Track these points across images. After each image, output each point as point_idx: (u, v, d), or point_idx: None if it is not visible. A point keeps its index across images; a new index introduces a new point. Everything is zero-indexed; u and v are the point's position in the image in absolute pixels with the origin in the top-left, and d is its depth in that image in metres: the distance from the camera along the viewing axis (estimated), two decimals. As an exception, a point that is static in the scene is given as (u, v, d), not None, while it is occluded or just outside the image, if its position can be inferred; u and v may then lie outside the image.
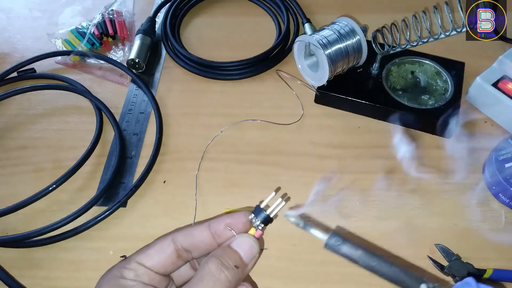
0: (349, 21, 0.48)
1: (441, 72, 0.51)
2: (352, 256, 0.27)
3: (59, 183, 0.44)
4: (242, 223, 0.30)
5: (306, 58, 0.51)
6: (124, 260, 0.29)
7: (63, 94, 0.54)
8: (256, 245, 0.29)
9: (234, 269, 0.28)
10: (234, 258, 0.28)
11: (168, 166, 0.47)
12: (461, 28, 0.41)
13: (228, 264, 0.28)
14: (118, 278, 0.28)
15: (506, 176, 0.41)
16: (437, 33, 0.43)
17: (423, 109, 0.48)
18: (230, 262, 0.28)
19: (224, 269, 0.27)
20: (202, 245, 0.30)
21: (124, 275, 0.28)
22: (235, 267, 0.28)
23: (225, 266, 0.28)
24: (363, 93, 0.49)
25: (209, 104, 0.52)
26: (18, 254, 0.42)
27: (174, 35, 0.58)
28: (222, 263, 0.28)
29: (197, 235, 0.30)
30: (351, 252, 0.27)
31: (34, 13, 0.65)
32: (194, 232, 0.30)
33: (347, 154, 0.47)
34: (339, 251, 0.27)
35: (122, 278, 0.28)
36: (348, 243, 0.27)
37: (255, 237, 0.30)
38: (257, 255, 0.29)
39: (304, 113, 0.51)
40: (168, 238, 0.30)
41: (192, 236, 0.30)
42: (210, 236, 0.30)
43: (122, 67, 0.55)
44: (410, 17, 0.46)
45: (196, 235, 0.30)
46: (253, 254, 0.29)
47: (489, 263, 0.39)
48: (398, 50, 0.47)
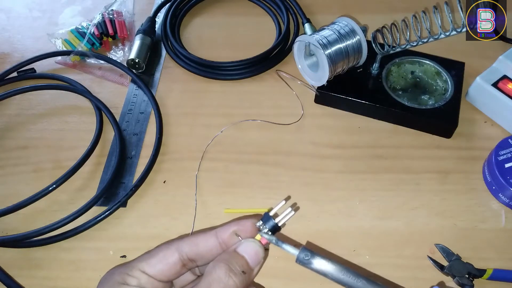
0: (349, 21, 0.48)
1: (441, 72, 0.51)
2: (321, 269, 0.28)
3: (59, 183, 0.44)
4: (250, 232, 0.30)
5: (306, 58, 0.51)
6: (126, 266, 0.29)
7: (63, 94, 0.54)
8: (261, 251, 0.29)
9: (242, 275, 0.27)
10: (241, 264, 0.28)
11: (168, 166, 0.47)
12: (461, 28, 0.41)
13: (236, 269, 0.27)
14: (120, 285, 0.28)
15: (506, 176, 0.42)
16: (437, 33, 0.43)
17: (423, 109, 0.48)
18: (238, 268, 0.28)
19: (232, 275, 0.27)
20: (208, 254, 0.30)
21: (127, 282, 0.28)
22: (243, 272, 0.28)
23: (233, 272, 0.27)
24: (363, 93, 0.49)
25: (209, 104, 0.52)
26: (18, 254, 0.42)
27: (174, 35, 0.58)
28: (230, 269, 0.27)
29: (202, 244, 0.30)
30: (320, 266, 0.28)
31: (34, 13, 0.65)
32: (200, 242, 0.30)
33: (347, 154, 0.47)
34: (309, 265, 0.28)
35: (124, 284, 0.28)
36: (318, 257, 0.28)
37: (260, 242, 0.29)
38: (262, 260, 0.29)
39: (304, 113, 0.51)
40: (172, 248, 0.29)
41: (198, 246, 0.30)
42: (217, 245, 0.30)
43: (122, 67, 0.55)
44: (410, 17, 0.46)
45: (202, 245, 0.30)
46: (259, 259, 0.29)
47: (489, 263, 0.39)
48: (398, 50, 0.47)
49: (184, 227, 0.42)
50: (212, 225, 0.42)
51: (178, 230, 0.42)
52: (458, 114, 0.47)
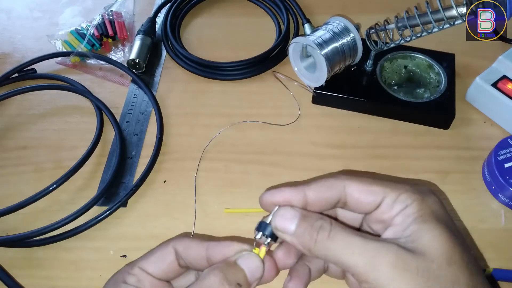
0: (341, 20, 0.48)
1: (433, 65, 0.51)
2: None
3: (59, 183, 0.44)
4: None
5: (302, 59, 0.51)
6: (128, 265, 0.29)
7: (63, 94, 0.54)
8: (262, 267, 0.28)
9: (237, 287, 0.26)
10: (239, 276, 0.27)
11: (169, 166, 0.47)
12: (454, 21, 0.41)
13: (232, 280, 0.26)
14: (120, 283, 0.28)
15: (506, 176, 0.42)
16: (430, 27, 0.43)
17: (420, 103, 0.48)
18: (234, 278, 0.26)
19: (226, 284, 0.26)
20: (195, 263, 0.29)
21: (126, 280, 0.28)
22: (238, 285, 0.26)
23: (228, 282, 0.26)
24: (359, 90, 0.50)
25: (209, 104, 0.52)
26: (18, 254, 0.42)
27: (175, 36, 0.59)
28: (226, 278, 0.26)
29: (193, 251, 0.29)
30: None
31: (34, 13, 0.65)
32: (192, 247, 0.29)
33: (347, 154, 0.47)
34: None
35: (124, 283, 0.28)
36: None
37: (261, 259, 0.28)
38: (261, 277, 0.28)
39: (302, 114, 0.51)
40: (169, 245, 0.29)
41: (189, 250, 0.29)
42: (204, 258, 0.29)
43: (122, 68, 0.55)
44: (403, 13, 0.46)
45: (192, 251, 0.29)
46: (259, 275, 0.27)
47: (489, 263, 0.39)
48: (392, 46, 0.48)
49: (185, 227, 0.42)
50: (212, 225, 0.43)
51: (179, 230, 0.42)
52: (454, 104, 0.48)
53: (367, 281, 0.24)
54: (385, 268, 0.23)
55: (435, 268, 0.23)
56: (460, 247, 0.24)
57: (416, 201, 0.26)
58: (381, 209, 0.27)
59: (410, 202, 0.26)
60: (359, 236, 0.25)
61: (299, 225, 0.26)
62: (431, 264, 0.23)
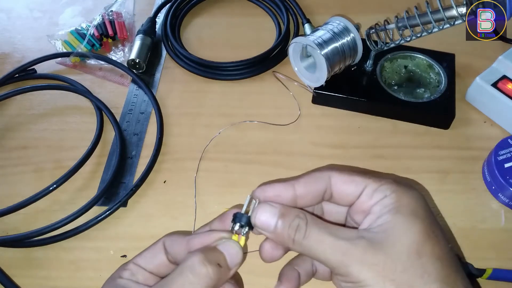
0: (341, 20, 0.48)
1: (433, 65, 0.51)
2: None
3: (59, 183, 0.44)
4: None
5: (302, 60, 0.51)
6: (124, 263, 0.30)
7: (63, 94, 0.54)
8: (241, 252, 0.28)
9: (217, 267, 0.27)
10: (219, 258, 0.27)
11: (169, 166, 0.47)
12: (454, 21, 0.41)
13: (212, 260, 0.27)
14: (116, 278, 0.29)
15: (506, 176, 0.42)
16: (430, 27, 0.43)
17: (420, 103, 0.48)
18: (214, 259, 0.27)
19: (207, 263, 0.26)
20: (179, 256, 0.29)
21: (121, 275, 0.29)
22: (218, 265, 0.27)
23: (208, 261, 0.26)
24: (360, 90, 0.50)
25: (209, 104, 0.52)
26: (18, 254, 0.42)
27: (175, 36, 0.59)
28: (206, 258, 0.26)
29: (176, 245, 0.29)
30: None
31: (34, 13, 0.65)
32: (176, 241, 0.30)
33: (347, 154, 0.47)
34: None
35: (119, 278, 0.29)
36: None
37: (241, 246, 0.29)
38: (240, 262, 0.28)
39: (302, 114, 0.51)
40: (160, 241, 0.30)
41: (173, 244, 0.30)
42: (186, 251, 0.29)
43: (122, 68, 0.55)
44: (403, 13, 0.46)
45: (176, 245, 0.29)
46: (238, 259, 0.28)
47: (489, 263, 0.39)
48: (392, 46, 0.48)
49: (185, 227, 0.42)
50: (212, 225, 0.42)
51: (178, 230, 0.42)
52: (454, 104, 0.48)
53: (341, 275, 0.26)
54: (354, 264, 0.25)
55: (404, 259, 0.24)
56: (433, 240, 0.25)
57: (395, 193, 0.27)
58: (361, 198, 0.28)
59: (389, 193, 0.27)
60: (331, 235, 0.26)
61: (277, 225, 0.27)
62: (400, 256, 0.25)
